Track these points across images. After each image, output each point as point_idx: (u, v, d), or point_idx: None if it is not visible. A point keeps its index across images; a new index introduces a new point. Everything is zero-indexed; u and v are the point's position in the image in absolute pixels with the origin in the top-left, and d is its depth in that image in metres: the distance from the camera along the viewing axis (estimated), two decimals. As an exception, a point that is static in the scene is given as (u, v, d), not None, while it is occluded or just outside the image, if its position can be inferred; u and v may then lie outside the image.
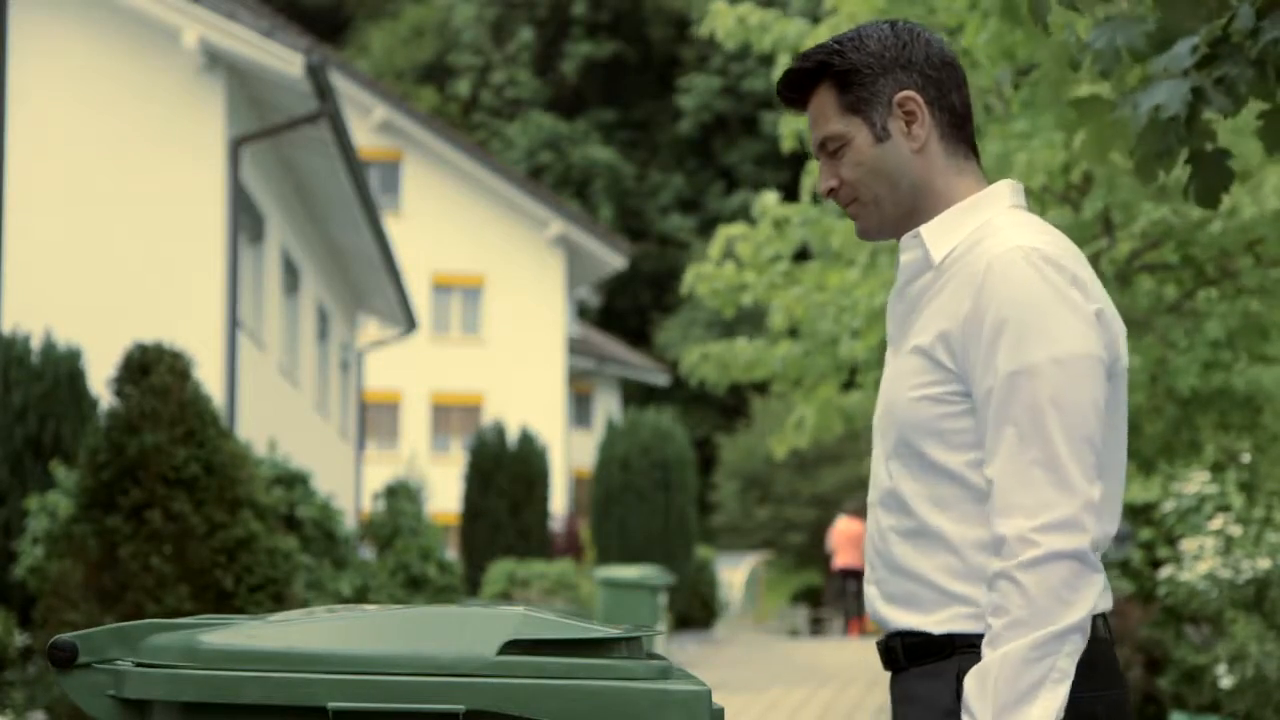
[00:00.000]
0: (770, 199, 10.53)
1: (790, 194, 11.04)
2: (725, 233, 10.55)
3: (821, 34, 9.59)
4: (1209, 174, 3.57)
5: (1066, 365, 2.54)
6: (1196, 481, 12.82)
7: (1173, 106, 3.44)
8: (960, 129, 2.69)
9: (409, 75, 55.73)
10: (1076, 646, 2.51)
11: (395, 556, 15.55)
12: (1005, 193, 2.70)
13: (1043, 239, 2.59)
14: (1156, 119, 3.47)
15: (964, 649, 2.59)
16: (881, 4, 9.27)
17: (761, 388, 40.11)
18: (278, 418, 18.02)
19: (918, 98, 2.66)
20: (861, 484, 39.75)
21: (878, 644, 2.74)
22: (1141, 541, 13.78)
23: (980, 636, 2.56)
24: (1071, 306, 2.55)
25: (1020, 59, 9.07)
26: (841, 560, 27.57)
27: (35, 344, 12.56)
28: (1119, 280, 9.39)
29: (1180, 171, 3.66)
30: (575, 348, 40.69)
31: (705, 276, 10.39)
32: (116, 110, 15.95)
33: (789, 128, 10.00)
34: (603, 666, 2.74)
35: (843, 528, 27.86)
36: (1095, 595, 2.51)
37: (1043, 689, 2.49)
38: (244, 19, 15.82)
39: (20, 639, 10.15)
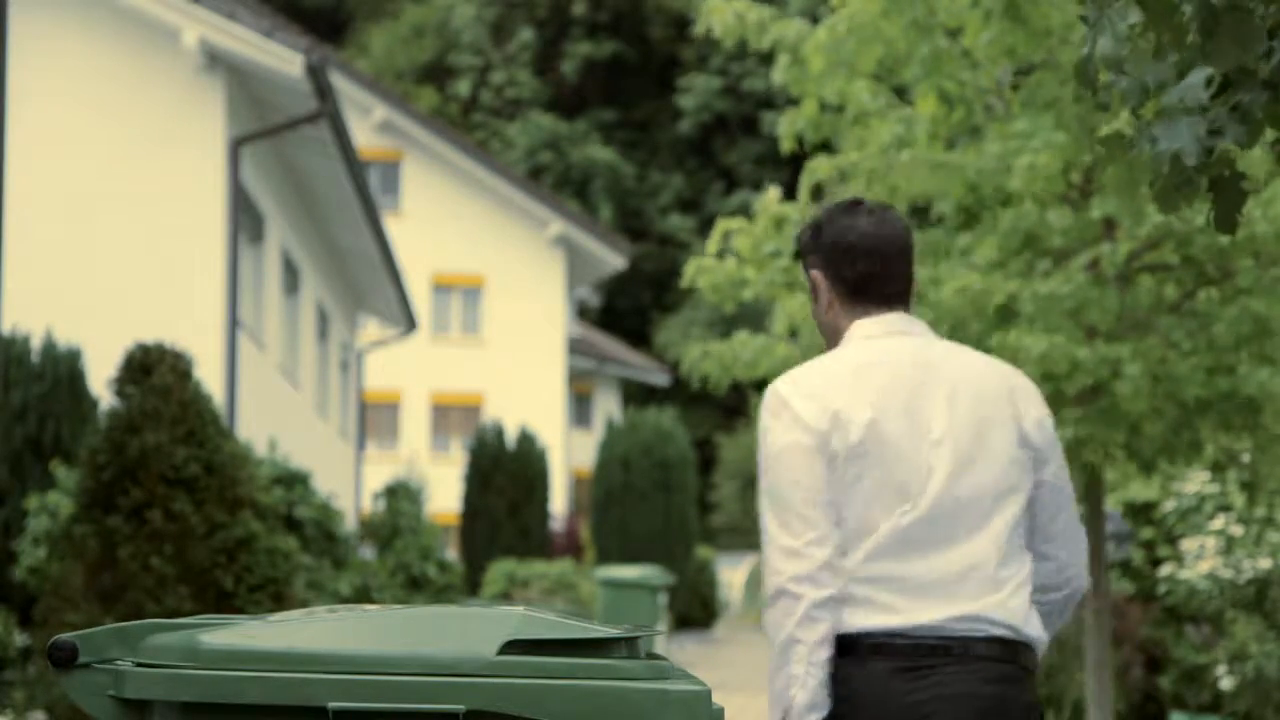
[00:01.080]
0: (773, 195, 10.50)
1: (790, 193, 11.00)
2: (723, 226, 10.50)
3: (821, 36, 9.56)
4: (1226, 200, 3.55)
5: (771, 460, 3.37)
6: (1197, 481, 12.81)
7: (1191, 152, 3.41)
8: (859, 292, 3.52)
9: (409, 75, 55.72)
10: (801, 654, 3.25)
11: (395, 556, 15.55)
12: (860, 330, 3.52)
13: (796, 373, 3.47)
14: (1176, 157, 3.44)
15: None
16: (882, 3, 9.26)
17: (761, 387, 40.09)
18: (278, 418, 18.02)
19: (819, 275, 3.56)
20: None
21: None
22: (1142, 541, 13.77)
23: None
24: (773, 414, 3.40)
25: (1020, 58, 9.06)
26: None
27: (35, 344, 12.56)
28: (1119, 281, 9.38)
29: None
30: (575, 348, 40.68)
31: (706, 269, 10.36)
32: (117, 110, 15.94)
33: (788, 128, 9.96)
34: (603, 666, 2.74)
35: None
36: (795, 618, 3.24)
37: (789, 689, 3.27)
38: (244, 19, 15.81)
39: (20, 639, 10.15)
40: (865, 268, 3.52)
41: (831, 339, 3.56)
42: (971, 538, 3.31)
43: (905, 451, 3.33)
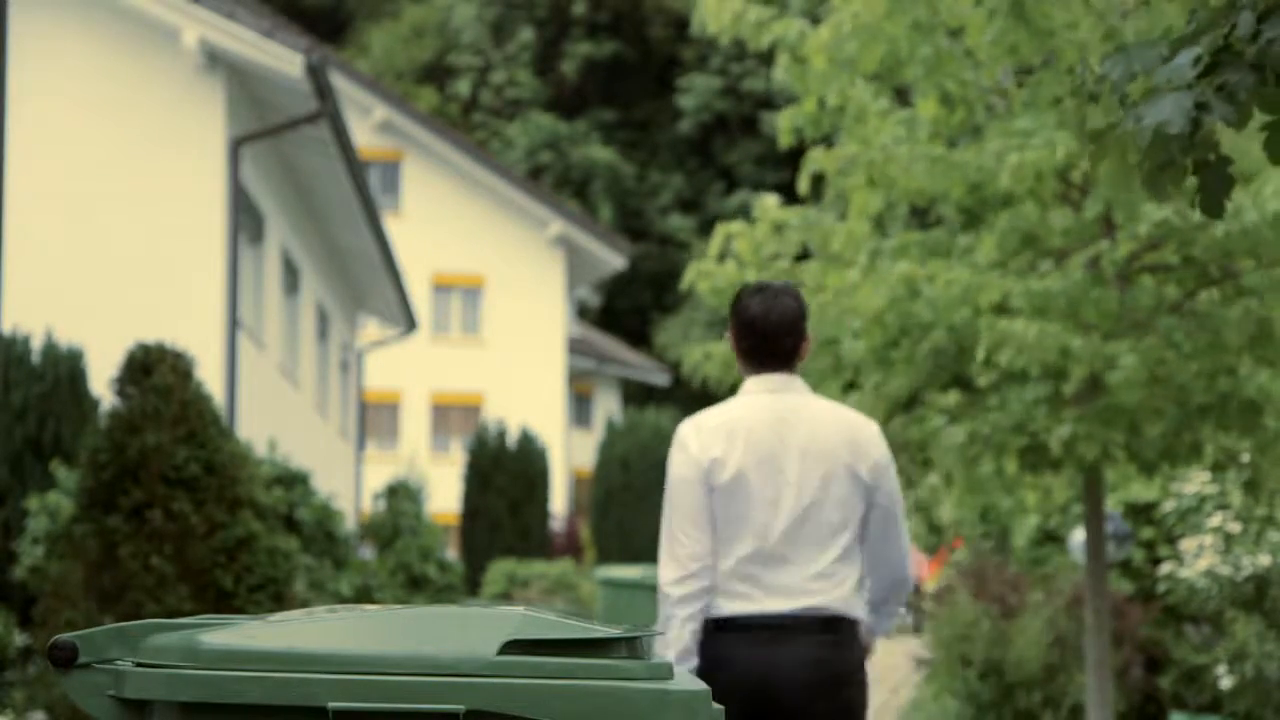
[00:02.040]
0: (771, 201, 10.48)
1: (790, 193, 10.99)
2: (724, 230, 10.48)
3: (823, 35, 9.56)
4: (1213, 183, 3.55)
5: (671, 485, 4.68)
6: (1197, 481, 12.80)
7: (1176, 123, 3.41)
8: (748, 357, 4.81)
9: (409, 75, 55.71)
10: (675, 625, 4.63)
11: (395, 556, 15.55)
12: (747, 385, 4.81)
13: (700, 418, 4.75)
14: (1161, 134, 3.44)
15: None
16: (885, 4, 9.25)
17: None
18: (278, 418, 18.02)
19: (730, 338, 4.88)
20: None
21: None
22: (1142, 541, 13.77)
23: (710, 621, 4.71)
24: (678, 449, 4.69)
25: (1022, 57, 9.06)
26: None
27: (35, 344, 12.56)
28: (1120, 280, 9.37)
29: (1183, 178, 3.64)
30: (575, 348, 40.67)
31: (706, 274, 10.34)
32: (116, 110, 15.94)
33: (788, 123, 9.94)
34: (603, 666, 2.74)
35: None
36: (670, 603, 4.63)
37: (669, 647, 4.64)
38: (244, 19, 15.81)
39: (20, 639, 10.15)
40: (752, 342, 4.80)
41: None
42: (815, 555, 4.64)
43: (764, 491, 4.65)
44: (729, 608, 4.62)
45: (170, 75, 15.91)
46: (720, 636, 4.62)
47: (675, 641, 4.59)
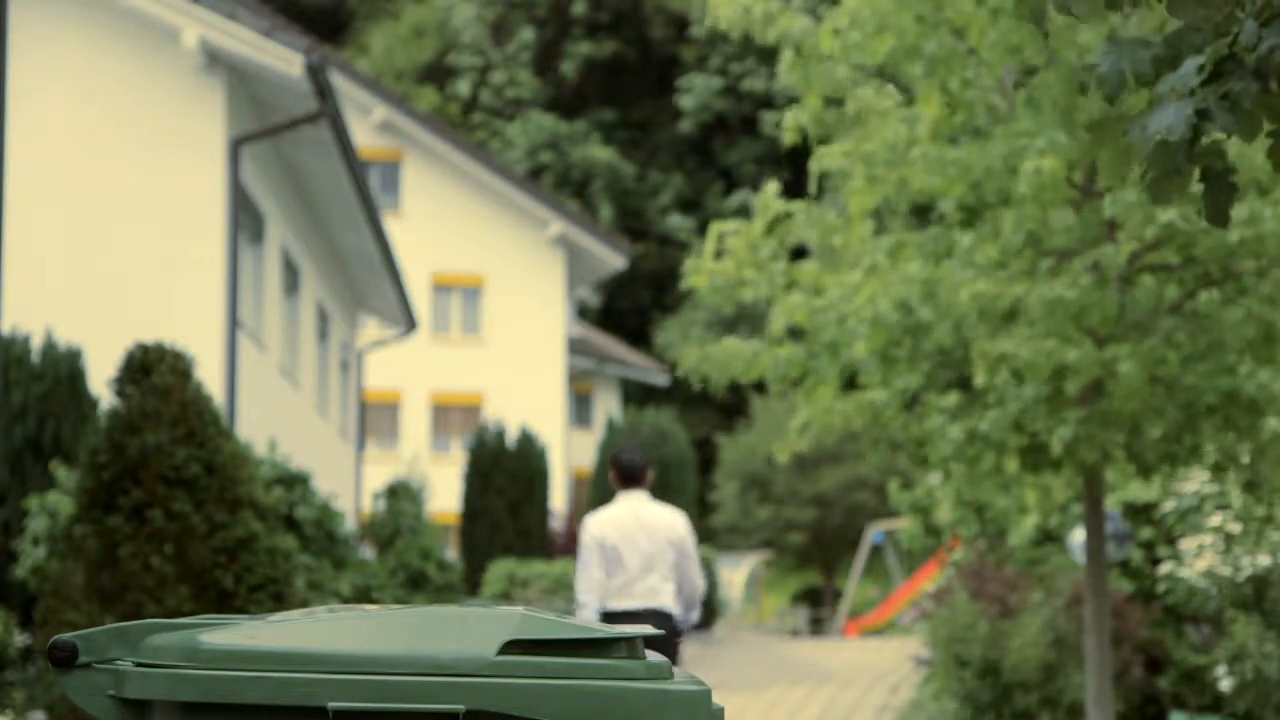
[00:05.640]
0: (771, 189, 10.44)
1: (790, 193, 10.99)
2: (718, 228, 10.47)
3: (824, 32, 9.56)
4: (1218, 192, 3.56)
5: (581, 548, 8.94)
6: (1197, 480, 12.80)
7: (1177, 130, 3.42)
8: (620, 483, 9.03)
9: (409, 75, 55.70)
10: (585, 615, 8.76)
11: (395, 556, 15.55)
12: (618, 498, 9.01)
13: (598, 514, 9.01)
14: (1164, 141, 3.45)
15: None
16: (889, 4, 9.25)
17: (761, 387, 40.04)
18: (278, 418, 18.02)
19: (611, 470, 9.13)
20: (862, 484, 39.68)
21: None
22: (1142, 541, 13.77)
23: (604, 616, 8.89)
24: (586, 530, 8.89)
25: (1026, 57, 9.06)
26: None
27: (35, 344, 12.56)
28: (1120, 281, 9.36)
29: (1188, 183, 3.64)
30: (575, 348, 40.67)
31: (704, 271, 10.34)
32: (116, 110, 15.94)
33: (792, 122, 9.94)
34: (603, 666, 2.74)
35: None
36: (580, 605, 8.77)
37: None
38: (244, 19, 15.81)
39: (20, 639, 10.15)
40: (618, 474, 8.92)
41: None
42: (650, 579, 8.70)
43: (629, 552, 8.69)
44: (613, 606, 8.64)
45: (170, 75, 15.91)
46: (609, 620, 8.20)
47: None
